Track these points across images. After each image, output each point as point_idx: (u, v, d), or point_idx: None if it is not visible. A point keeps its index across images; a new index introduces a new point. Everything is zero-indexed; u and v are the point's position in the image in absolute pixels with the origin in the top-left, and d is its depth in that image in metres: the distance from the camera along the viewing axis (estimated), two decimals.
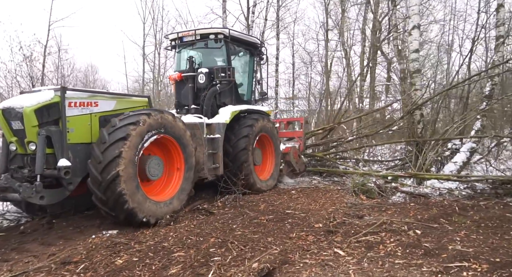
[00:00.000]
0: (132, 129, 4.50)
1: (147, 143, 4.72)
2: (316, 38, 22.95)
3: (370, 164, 9.28)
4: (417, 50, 7.78)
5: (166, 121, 4.97)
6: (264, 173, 7.50)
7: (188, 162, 5.32)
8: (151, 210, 4.62)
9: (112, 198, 4.34)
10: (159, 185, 5.28)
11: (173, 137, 5.16)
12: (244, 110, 7.04)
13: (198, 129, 5.91)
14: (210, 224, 4.26)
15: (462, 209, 5.19)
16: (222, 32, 6.85)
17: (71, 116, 4.54)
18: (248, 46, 7.54)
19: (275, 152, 7.66)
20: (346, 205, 5.65)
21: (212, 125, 6.27)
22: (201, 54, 7.45)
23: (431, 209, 5.17)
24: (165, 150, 5.32)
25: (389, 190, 6.46)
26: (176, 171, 5.33)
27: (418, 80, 7.70)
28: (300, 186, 7.93)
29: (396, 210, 5.24)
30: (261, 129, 7.05)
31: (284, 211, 5.04)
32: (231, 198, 5.87)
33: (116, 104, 5.06)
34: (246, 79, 7.80)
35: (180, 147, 5.27)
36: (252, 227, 4.19)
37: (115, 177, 4.31)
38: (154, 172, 5.01)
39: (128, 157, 4.42)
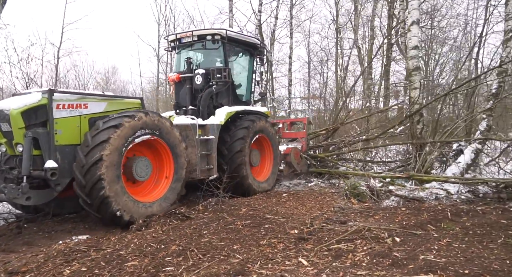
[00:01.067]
0: (114, 132, 4.57)
1: (135, 142, 4.82)
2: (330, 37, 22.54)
3: (371, 165, 9.01)
4: (416, 46, 7.47)
5: (163, 125, 5.15)
6: (262, 174, 7.46)
7: (177, 173, 5.37)
8: (139, 212, 4.73)
9: (96, 200, 4.45)
10: (147, 187, 5.33)
11: (167, 144, 5.27)
12: (240, 111, 6.99)
13: (190, 130, 5.93)
14: (180, 230, 4.12)
15: (455, 214, 4.92)
16: (219, 33, 6.85)
17: (59, 118, 4.63)
18: (247, 46, 7.53)
19: (274, 153, 7.59)
20: (333, 209, 5.44)
21: (206, 126, 6.26)
22: (200, 55, 7.48)
23: (421, 214, 4.91)
24: (157, 155, 5.40)
25: (383, 194, 6.20)
26: (164, 179, 5.38)
27: (417, 79, 7.39)
28: (295, 189, 7.77)
29: (385, 215, 5.01)
30: (258, 130, 7.02)
31: (264, 216, 4.87)
32: (213, 201, 5.74)
33: (107, 106, 5.13)
34: (245, 80, 7.78)
35: (172, 156, 5.34)
36: (223, 233, 4.03)
37: (97, 180, 4.40)
38: (141, 173, 5.07)
39: (111, 159, 4.50)
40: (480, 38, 9.29)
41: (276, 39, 22.91)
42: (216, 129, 6.32)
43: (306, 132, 8.90)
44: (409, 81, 7.51)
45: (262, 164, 7.59)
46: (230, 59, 7.41)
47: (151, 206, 4.97)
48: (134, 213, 4.68)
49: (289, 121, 9.59)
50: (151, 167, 5.24)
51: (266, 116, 7.59)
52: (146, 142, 5.13)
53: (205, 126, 6.25)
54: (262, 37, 20.60)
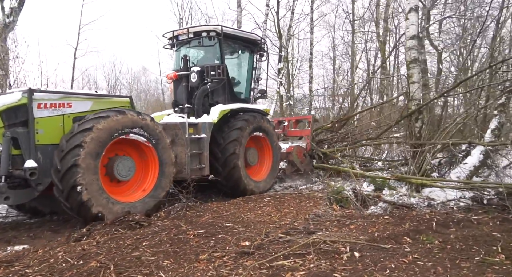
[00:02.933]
0: (87, 136, 4.50)
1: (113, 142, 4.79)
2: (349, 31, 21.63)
3: (376, 163, 8.51)
4: (414, 36, 6.88)
5: (162, 138, 5.24)
6: (260, 173, 7.32)
7: (161, 184, 5.29)
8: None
9: (75, 205, 4.47)
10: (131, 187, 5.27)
11: (159, 159, 5.26)
12: (236, 109, 6.82)
13: (179, 129, 5.83)
14: (118, 241, 3.80)
15: (443, 224, 4.39)
16: (215, 30, 6.76)
17: (41, 117, 4.65)
18: (246, 43, 7.39)
19: (273, 151, 7.42)
20: (308, 217, 5.01)
21: (198, 125, 6.16)
22: (197, 53, 7.40)
23: (403, 224, 4.41)
24: (142, 154, 5.32)
25: (371, 199, 5.70)
26: (141, 191, 5.27)
27: (415, 72, 6.80)
28: (283, 192, 7.36)
29: (362, 224, 4.53)
30: (254, 129, 6.89)
31: (223, 224, 4.49)
32: (179, 206, 5.42)
33: (92, 105, 5.11)
34: (244, 77, 7.62)
35: (159, 172, 5.28)
36: (166, 245, 3.68)
37: (73, 185, 4.39)
38: (122, 171, 5.02)
39: (86, 163, 4.45)
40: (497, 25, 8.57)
41: (293, 35, 22.35)
42: (208, 128, 6.19)
43: (311, 131, 8.60)
44: (407, 75, 6.93)
45: (260, 162, 7.46)
46: (229, 56, 7.29)
47: (114, 203, 4.77)
48: (104, 207, 4.60)
49: (294, 119, 9.37)
50: (134, 170, 5.15)
51: (264, 114, 7.39)
52: (140, 147, 5.17)
53: (197, 125, 6.15)
54: (279, 34, 20.16)
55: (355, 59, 20.96)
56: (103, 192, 4.64)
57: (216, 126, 6.45)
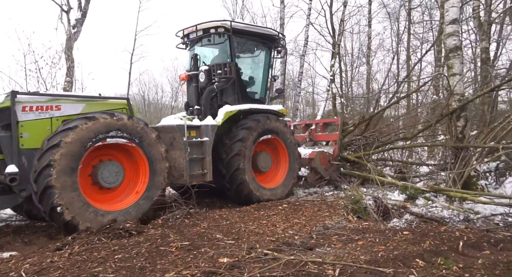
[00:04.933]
0: (67, 136, 4.35)
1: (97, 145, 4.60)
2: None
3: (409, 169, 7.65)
4: (455, 20, 6.01)
5: (144, 134, 4.94)
6: (273, 180, 6.85)
7: (150, 191, 5.05)
8: (96, 220, 4.47)
9: (47, 208, 4.28)
10: (121, 194, 5.04)
11: (147, 157, 5.02)
12: (245, 110, 6.43)
13: (177, 132, 5.53)
14: (94, 252, 3.59)
15: (473, 245, 3.68)
16: (223, 25, 6.44)
17: (26, 121, 4.53)
18: (262, 39, 7.00)
19: (289, 157, 6.89)
20: (315, 229, 4.51)
21: (201, 127, 5.82)
22: (208, 51, 7.17)
23: (422, 242, 3.75)
24: (133, 161, 5.12)
25: (396, 210, 5.03)
26: (134, 193, 5.07)
27: (457, 62, 5.93)
28: (305, 198, 6.85)
29: (373, 240, 3.94)
30: (266, 131, 6.46)
31: (214, 236, 4.13)
32: (180, 213, 5.16)
33: (85, 107, 4.97)
34: (259, 75, 7.24)
35: (149, 171, 5.06)
36: (137, 259, 3.38)
37: (46, 187, 4.21)
38: (108, 178, 4.81)
39: (62, 165, 4.28)
40: None
41: (345, 29, 21.36)
42: (211, 130, 5.84)
43: (339, 135, 7.97)
44: (447, 65, 6.08)
45: (276, 168, 6.98)
46: (242, 54, 6.97)
47: (104, 215, 4.57)
48: (78, 215, 4.37)
49: (322, 122, 8.80)
50: (123, 176, 4.96)
51: (279, 115, 6.91)
52: (125, 148, 4.94)
53: (200, 127, 5.81)
54: (333, 29, 19.42)
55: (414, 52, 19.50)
56: (89, 207, 4.44)
57: (223, 129, 6.11)
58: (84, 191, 4.55)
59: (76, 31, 13.60)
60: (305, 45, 19.14)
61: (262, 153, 6.66)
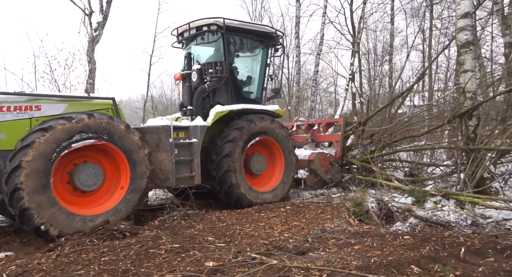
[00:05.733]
0: (40, 136, 4.23)
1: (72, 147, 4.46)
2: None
3: (420, 170, 7.37)
4: (468, 14, 5.75)
5: (113, 129, 4.72)
6: (268, 183, 6.64)
7: (135, 183, 4.91)
8: (72, 226, 4.35)
9: (16, 211, 4.19)
10: (101, 198, 4.91)
11: (122, 150, 4.84)
12: (237, 110, 6.23)
13: (162, 133, 5.37)
14: (82, 255, 3.54)
15: (476, 251, 3.48)
16: (216, 23, 6.26)
17: (2, 121, 4.45)
18: (259, 36, 6.80)
19: (285, 159, 6.66)
20: (312, 232, 4.38)
21: (189, 128, 5.67)
22: (203, 50, 7.01)
23: (422, 248, 3.58)
24: (113, 162, 4.98)
25: (400, 213, 4.84)
26: (119, 189, 4.94)
27: (468, 58, 5.67)
28: (310, 200, 6.70)
29: (371, 244, 3.78)
30: (259, 132, 6.23)
31: (206, 238, 4.06)
32: (178, 214, 5.12)
33: (67, 108, 4.86)
34: (255, 75, 7.05)
35: (128, 163, 4.90)
36: (124, 262, 3.31)
37: (14, 189, 4.11)
38: (88, 182, 4.69)
39: (33, 166, 4.17)
40: None
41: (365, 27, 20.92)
42: (200, 131, 5.67)
43: (341, 136, 7.69)
44: (458, 62, 5.82)
45: (271, 171, 6.77)
46: (238, 52, 6.79)
47: (93, 219, 4.54)
48: (65, 227, 4.29)
49: (324, 122, 8.49)
50: (103, 175, 4.84)
51: (275, 116, 6.70)
52: (97, 147, 4.77)
53: (188, 128, 5.66)
54: (353, 27, 19.09)
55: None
56: (74, 216, 4.39)
57: (215, 130, 5.97)
58: (65, 201, 4.48)
59: (97, 34, 13.92)
60: (321, 44, 18.91)
61: (256, 155, 6.46)
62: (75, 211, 4.48)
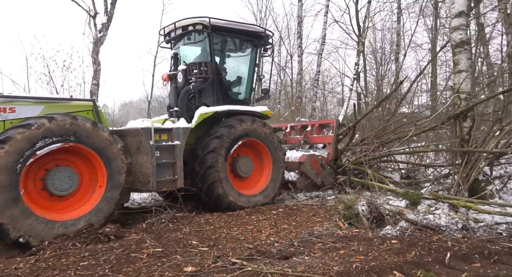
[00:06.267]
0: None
1: (37, 155, 4.26)
2: None
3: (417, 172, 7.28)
4: (462, 13, 5.66)
5: (78, 129, 4.53)
6: (257, 185, 6.48)
7: (113, 179, 4.79)
8: (53, 233, 4.23)
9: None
10: (78, 201, 4.76)
11: (92, 149, 4.67)
12: (222, 111, 6.08)
13: (142, 135, 5.20)
14: (58, 259, 3.46)
15: (462, 256, 3.42)
16: (201, 22, 6.13)
17: None
18: (247, 36, 6.66)
19: (273, 161, 6.51)
20: (300, 236, 4.33)
21: (172, 130, 5.52)
22: (190, 50, 6.88)
23: (408, 252, 3.53)
24: (87, 163, 4.84)
25: (391, 217, 4.78)
26: (98, 188, 4.82)
27: (463, 58, 5.59)
28: (304, 202, 6.61)
29: (356, 249, 3.73)
30: (242, 135, 6.05)
31: (190, 242, 4.02)
32: (167, 217, 5.09)
33: (44, 110, 4.72)
34: (243, 75, 6.93)
35: (102, 160, 4.76)
36: (102, 267, 3.28)
37: None
38: (63, 186, 4.54)
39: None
40: None
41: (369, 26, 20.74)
42: (182, 133, 5.53)
43: (334, 137, 7.50)
44: (453, 61, 5.74)
45: (259, 172, 6.61)
46: (225, 52, 6.69)
47: (75, 223, 4.45)
48: (46, 236, 4.18)
49: (317, 123, 8.28)
50: (78, 177, 4.68)
51: (262, 117, 6.56)
52: (66, 149, 4.57)
53: (171, 130, 5.52)
54: (359, 26, 18.99)
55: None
56: (54, 223, 4.28)
57: (200, 132, 5.87)
58: (42, 209, 4.38)
59: (102, 35, 13.99)
60: (323, 44, 18.85)
61: (242, 158, 6.30)
62: (55, 217, 4.35)
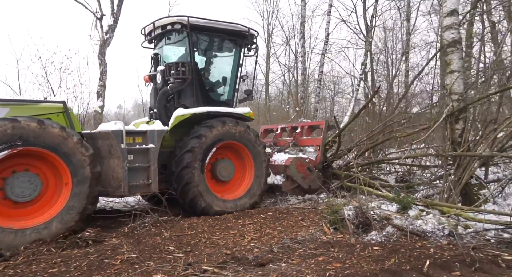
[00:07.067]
0: None
1: None
2: None
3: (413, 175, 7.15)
4: (454, 12, 5.54)
5: (24, 131, 4.26)
6: (237, 190, 6.31)
7: (77, 174, 4.58)
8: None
9: None
10: (44, 206, 4.61)
11: (46, 148, 4.43)
12: (201, 113, 5.88)
13: (113, 138, 5.04)
14: (28, 266, 3.41)
15: (442, 264, 3.32)
16: (179, 21, 5.99)
17: None
18: (230, 36, 6.51)
19: (255, 164, 6.33)
20: (281, 242, 4.25)
21: (147, 133, 5.38)
22: (172, 50, 6.76)
23: (387, 260, 3.43)
24: (45, 164, 4.63)
25: (378, 222, 4.68)
26: (64, 186, 4.63)
27: (455, 58, 5.46)
28: (296, 205, 6.51)
29: (336, 256, 3.64)
30: (223, 137, 5.89)
31: (167, 247, 3.95)
32: (150, 221, 5.05)
33: (9, 112, 4.53)
34: (227, 75, 6.80)
35: (61, 157, 4.53)
36: (71, 274, 3.24)
37: None
38: (23, 192, 4.37)
39: None
40: None
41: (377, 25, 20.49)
42: (157, 136, 5.35)
43: (323, 140, 7.23)
44: (445, 61, 5.62)
45: (241, 177, 6.40)
46: (207, 52, 6.56)
47: (47, 226, 4.33)
48: (18, 245, 4.04)
49: (307, 125, 7.96)
50: (39, 180, 4.49)
51: (244, 118, 6.38)
52: (18, 154, 4.33)
53: (146, 133, 5.34)
54: (367, 27, 18.83)
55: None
56: (24, 231, 4.18)
57: (178, 135, 5.78)
58: (8, 219, 4.26)
59: (108, 37, 14.09)
60: (326, 44, 18.73)
61: (224, 161, 6.17)
62: (23, 224, 4.26)
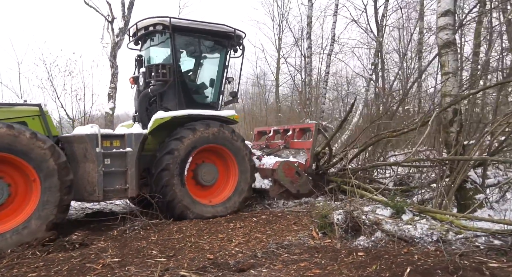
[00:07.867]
0: None
1: None
2: None
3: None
4: (448, 12, 5.45)
5: None
6: (220, 194, 6.20)
7: (42, 169, 4.48)
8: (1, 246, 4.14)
9: None
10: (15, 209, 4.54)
11: (12, 152, 4.37)
12: (181, 116, 5.78)
13: (87, 142, 4.97)
14: (9, 270, 3.47)
15: (424, 272, 3.26)
16: (161, 22, 5.94)
17: None
18: (215, 37, 6.44)
19: (239, 168, 6.22)
20: (267, 247, 4.23)
21: (125, 136, 5.31)
22: (155, 51, 6.68)
23: (369, 266, 3.40)
24: (7, 165, 4.53)
25: (368, 227, 4.63)
26: (33, 183, 4.56)
27: (450, 59, 5.38)
28: (292, 209, 6.47)
29: (318, 261, 3.62)
30: (206, 140, 5.82)
31: (150, 252, 3.97)
32: (140, 225, 5.08)
33: None
34: (212, 77, 6.72)
35: (18, 156, 4.43)
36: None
37: None
38: None
39: None
40: None
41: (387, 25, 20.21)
42: (135, 140, 5.30)
43: (313, 143, 7.10)
44: (440, 63, 5.54)
45: (225, 182, 6.31)
46: (190, 54, 6.52)
47: (26, 225, 4.32)
48: (2, 248, 4.09)
49: (298, 127, 7.76)
50: (4, 183, 4.43)
51: (228, 121, 6.31)
52: None
53: (124, 136, 5.28)
54: (377, 27, 18.65)
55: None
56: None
57: (159, 138, 5.75)
58: None
59: (119, 40, 14.30)
60: (332, 44, 18.60)
61: (206, 165, 6.07)
62: (2, 229, 4.26)
